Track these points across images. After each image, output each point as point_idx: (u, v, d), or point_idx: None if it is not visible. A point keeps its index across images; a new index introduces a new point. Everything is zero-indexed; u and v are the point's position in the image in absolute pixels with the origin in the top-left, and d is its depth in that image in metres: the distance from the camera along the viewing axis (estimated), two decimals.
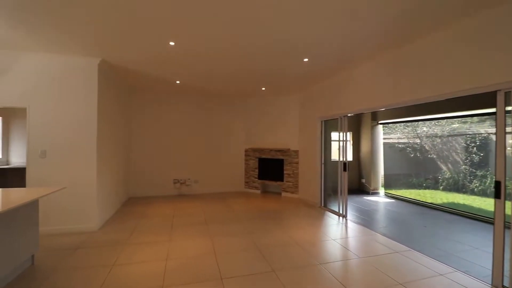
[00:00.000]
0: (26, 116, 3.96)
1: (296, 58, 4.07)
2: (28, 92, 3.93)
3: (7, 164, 5.65)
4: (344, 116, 4.93)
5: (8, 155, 5.73)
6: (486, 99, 2.82)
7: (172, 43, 3.51)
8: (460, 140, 6.18)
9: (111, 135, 4.97)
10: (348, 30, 3.15)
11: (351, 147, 8.04)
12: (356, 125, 8.02)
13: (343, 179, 4.93)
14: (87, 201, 4.12)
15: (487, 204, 5.29)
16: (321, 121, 5.75)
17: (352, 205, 6.02)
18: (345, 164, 4.90)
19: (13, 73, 3.89)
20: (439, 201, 6.12)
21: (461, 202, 5.76)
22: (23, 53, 3.90)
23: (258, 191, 7.34)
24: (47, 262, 3.02)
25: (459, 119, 6.12)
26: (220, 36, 3.33)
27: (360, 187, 7.90)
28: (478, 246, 3.74)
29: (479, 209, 5.26)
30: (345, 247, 3.55)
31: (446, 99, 3.12)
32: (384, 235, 4.03)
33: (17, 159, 5.75)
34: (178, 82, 5.68)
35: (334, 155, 6.47)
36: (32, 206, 2.94)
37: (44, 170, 3.97)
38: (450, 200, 5.99)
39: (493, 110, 5.22)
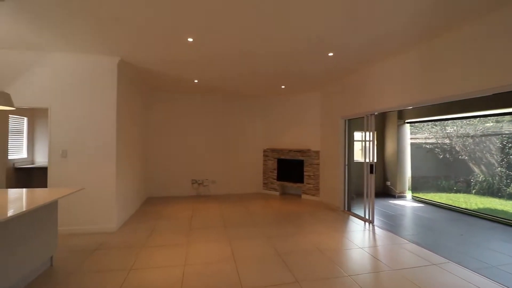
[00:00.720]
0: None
1: (320, 52, 3.83)
2: (49, 92, 3.95)
3: (32, 164, 5.78)
4: (370, 115, 4.62)
5: (33, 155, 5.87)
6: None
7: (190, 39, 3.38)
8: (495, 140, 5.69)
9: (130, 135, 4.95)
10: (378, 21, 2.89)
11: (375, 147, 7.64)
12: (381, 124, 7.61)
13: (370, 182, 4.62)
14: (107, 201, 4.09)
15: None
16: (345, 120, 5.46)
17: (378, 209, 5.66)
18: (371, 166, 4.59)
19: (35, 74, 3.92)
20: (473, 206, 5.65)
21: (499, 207, 5.27)
22: (44, 54, 3.92)
23: (277, 193, 7.13)
24: (65, 263, 2.98)
25: (493, 117, 5.62)
26: (239, 31, 3.16)
27: (384, 190, 7.48)
28: None
29: None
30: (374, 256, 3.27)
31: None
32: (416, 243, 3.70)
33: (41, 158, 5.88)
34: (196, 81, 5.59)
35: (357, 156, 6.16)
36: (51, 207, 2.90)
37: (65, 170, 3.97)
38: (486, 205, 5.51)
39: None
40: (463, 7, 2.60)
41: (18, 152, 5.44)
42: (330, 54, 3.88)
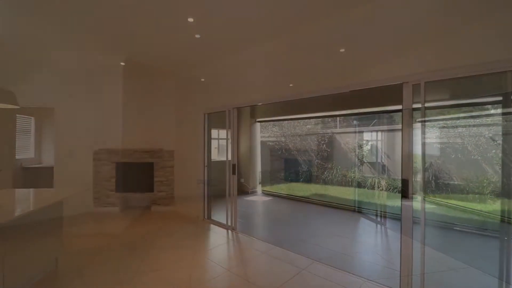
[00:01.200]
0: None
1: (329, 48, 3.72)
2: (54, 92, 3.92)
3: (40, 163, 5.77)
4: (382, 113, 4.48)
5: (40, 154, 5.86)
6: None
7: (198, 36, 3.30)
8: (509, 139, 5.50)
9: (136, 134, 4.90)
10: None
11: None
12: (388, 123, 7.43)
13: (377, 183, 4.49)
14: (113, 202, 4.04)
15: None
16: (354, 120, 5.32)
17: (389, 212, 5.51)
18: (383, 167, 4.46)
19: (40, 73, 3.89)
20: (488, 208, 5.45)
21: None
22: (49, 53, 3.87)
23: (284, 194, 7.00)
24: (70, 265, 2.92)
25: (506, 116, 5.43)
26: (246, 25, 3.07)
27: (398, 192, 7.30)
28: None
29: None
30: (390, 261, 3.14)
31: None
32: (430, 246, 3.54)
33: (49, 158, 5.87)
34: (203, 80, 5.51)
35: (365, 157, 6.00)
36: (56, 208, 2.84)
37: (71, 170, 3.94)
38: (501, 207, 5.32)
39: None
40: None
41: (25, 151, 5.43)
42: (342, 50, 3.75)
